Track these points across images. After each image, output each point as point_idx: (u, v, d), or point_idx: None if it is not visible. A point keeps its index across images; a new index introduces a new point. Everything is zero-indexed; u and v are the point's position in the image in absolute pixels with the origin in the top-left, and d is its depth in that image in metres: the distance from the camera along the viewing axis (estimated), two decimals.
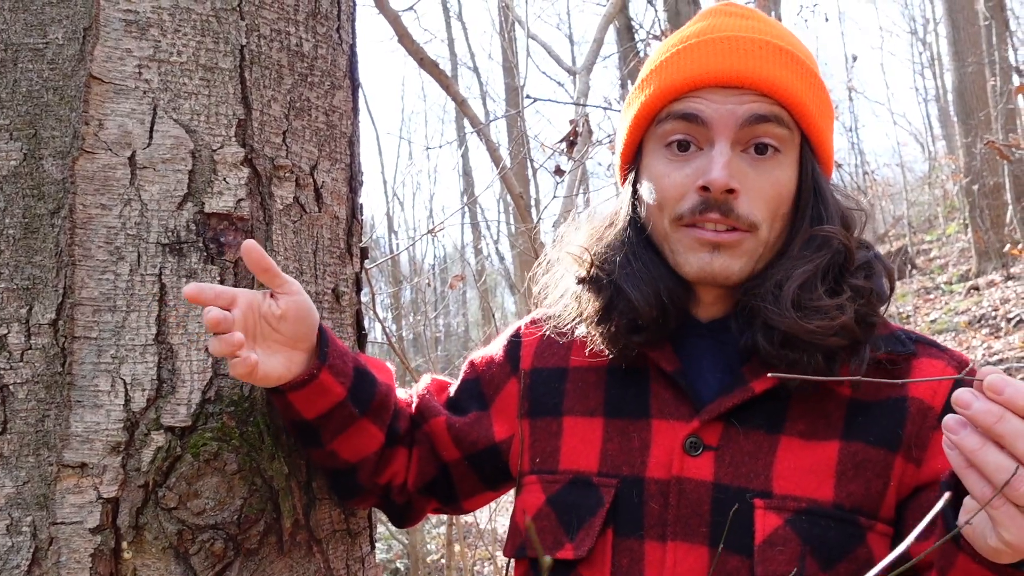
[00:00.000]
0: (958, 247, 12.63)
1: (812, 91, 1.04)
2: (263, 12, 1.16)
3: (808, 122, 1.04)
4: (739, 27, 1.06)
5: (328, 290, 1.23)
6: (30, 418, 1.04)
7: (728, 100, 1.01)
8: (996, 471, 0.71)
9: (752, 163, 1.01)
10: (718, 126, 1.01)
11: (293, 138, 1.19)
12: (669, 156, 1.04)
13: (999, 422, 0.70)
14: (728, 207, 0.99)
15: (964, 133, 11.31)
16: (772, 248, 1.04)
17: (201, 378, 1.07)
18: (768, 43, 1.04)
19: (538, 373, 1.16)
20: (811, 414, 0.99)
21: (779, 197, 1.02)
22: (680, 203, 1.02)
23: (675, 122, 1.03)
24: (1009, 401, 0.70)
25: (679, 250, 1.04)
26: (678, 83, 1.03)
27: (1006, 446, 0.70)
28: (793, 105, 1.02)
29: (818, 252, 1.01)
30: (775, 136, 1.01)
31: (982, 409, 0.70)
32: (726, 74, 1.01)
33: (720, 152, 0.99)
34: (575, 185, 3.99)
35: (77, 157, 1.06)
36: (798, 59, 1.05)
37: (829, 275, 1.01)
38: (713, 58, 1.02)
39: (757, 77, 1.01)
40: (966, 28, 11.39)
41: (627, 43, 8.48)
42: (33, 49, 1.09)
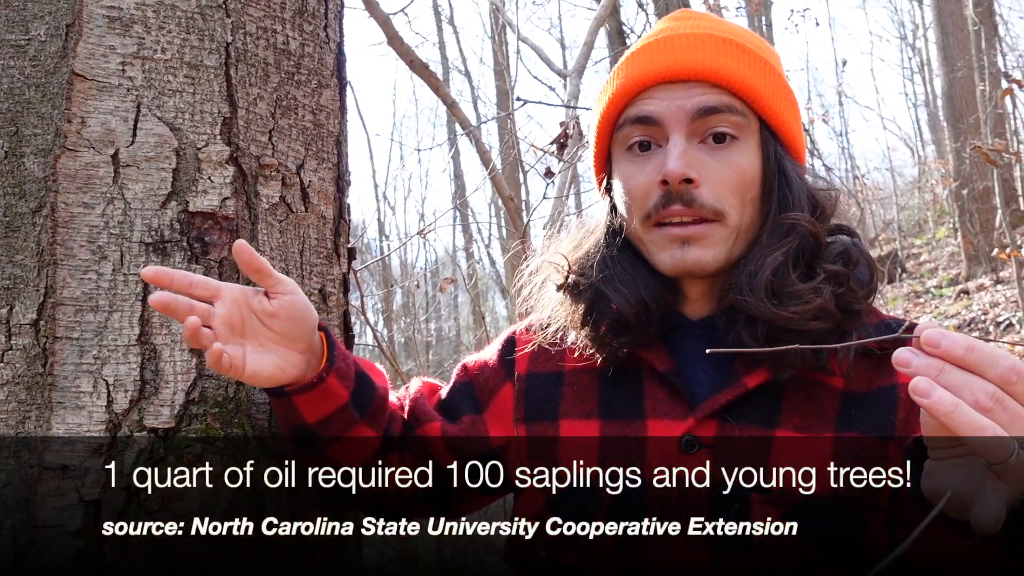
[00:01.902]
0: (948, 251, 12.69)
1: (763, 76, 1.06)
2: (249, 9, 1.15)
3: (763, 106, 1.05)
4: (685, 27, 1.09)
5: (315, 291, 1.22)
6: (10, 420, 1.02)
7: (676, 96, 1.03)
8: (971, 431, 0.69)
9: (711, 152, 1.03)
10: (670, 122, 1.03)
11: (279, 137, 1.17)
12: (631, 158, 1.07)
13: (940, 375, 0.69)
14: (690, 197, 1.01)
15: (953, 138, 11.37)
16: (745, 236, 1.05)
17: (185, 379, 1.06)
18: (711, 36, 1.06)
19: (534, 378, 1.16)
20: (805, 407, 1.00)
21: (743, 183, 1.03)
22: (646, 201, 1.04)
23: (632, 126, 1.06)
24: (947, 353, 0.69)
25: (653, 250, 1.06)
26: (628, 86, 1.06)
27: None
28: (743, 91, 1.04)
29: (786, 238, 1.02)
30: (730, 123, 1.03)
31: (922, 365, 0.70)
32: (670, 68, 1.04)
33: (674, 144, 1.01)
34: (565, 187, 3.98)
35: (59, 155, 1.05)
36: (745, 47, 1.07)
37: (801, 260, 1.02)
38: (657, 56, 1.05)
39: (701, 67, 1.03)
40: (955, 33, 11.45)
41: (618, 47, 8.49)
42: (15, 45, 1.08)
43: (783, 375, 0.99)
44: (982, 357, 0.69)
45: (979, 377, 0.69)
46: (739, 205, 1.03)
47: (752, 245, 1.04)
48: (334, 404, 1.04)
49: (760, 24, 12.67)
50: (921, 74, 18.79)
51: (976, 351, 0.69)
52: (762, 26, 12.68)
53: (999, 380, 0.68)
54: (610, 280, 1.07)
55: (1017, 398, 0.68)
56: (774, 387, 1.01)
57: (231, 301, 0.96)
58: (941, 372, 0.69)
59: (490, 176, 3.45)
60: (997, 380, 0.68)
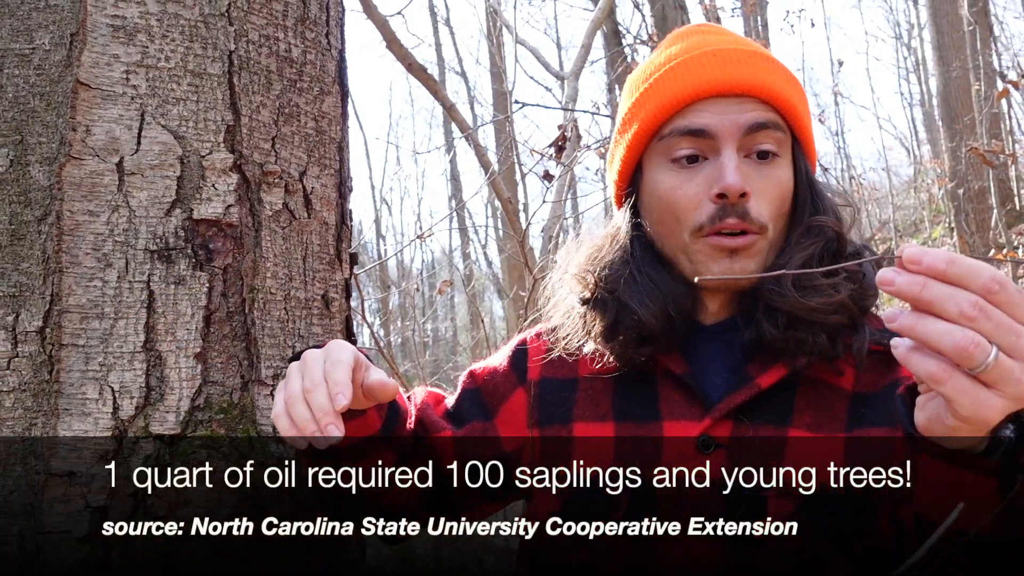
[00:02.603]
0: (944, 250, 12.70)
1: (798, 94, 1.10)
2: (251, 18, 1.16)
3: (799, 124, 1.09)
4: (723, 41, 1.11)
5: (318, 296, 1.22)
6: (17, 426, 1.03)
7: (730, 110, 1.05)
8: (938, 337, 0.71)
9: (756, 167, 1.06)
10: (723, 136, 1.04)
11: (282, 144, 1.18)
12: (677, 169, 1.07)
13: (923, 289, 0.71)
14: (743, 210, 1.03)
15: (949, 137, 11.40)
16: (776, 246, 1.08)
17: (190, 386, 1.06)
18: (756, 52, 1.09)
19: (548, 383, 1.17)
20: (816, 407, 1.03)
21: (782, 198, 1.07)
22: (697, 213, 1.05)
23: (680, 138, 1.06)
24: (929, 268, 0.71)
25: (699, 259, 1.07)
26: (679, 96, 1.06)
27: (938, 312, 0.71)
28: (786, 109, 1.07)
29: (815, 240, 1.06)
30: (773, 140, 1.06)
31: (905, 282, 0.71)
32: (727, 83, 1.05)
33: (728, 158, 1.03)
34: (564, 190, 3.99)
35: (64, 163, 1.06)
36: (780, 65, 1.11)
37: (825, 259, 1.06)
38: (711, 69, 1.06)
39: (755, 84, 1.05)
40: (950, 33, 11.47)
41: (615, 48, 8.51)
42: (19, 55, 1.09)
43: (799, 364, 1.01)
44: (964, 269, 0.70)
45: (962, 289, 0.70)
46: (777, 218, 1.06)
47: (780, 252, 1.08)
48: (366, 432, 1.05)
49: (756, 24, 12.69)
50: (916, 74, 18.83)
51: (957, 264, 0.70)
52: (758, 26, 12.70)
53: (982, 290, 0.70)
54: (637, 293, 1.08)
55: (1000, 307, 0.70)
56: (787, 387, 1.03)
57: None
58: (924, 286, 0.71)
59: (489, 180, 3.45)
60: (980, 290, 0.70)
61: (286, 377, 0.93)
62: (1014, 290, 0.71)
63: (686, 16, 7.37)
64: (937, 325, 0.71)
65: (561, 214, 3.86)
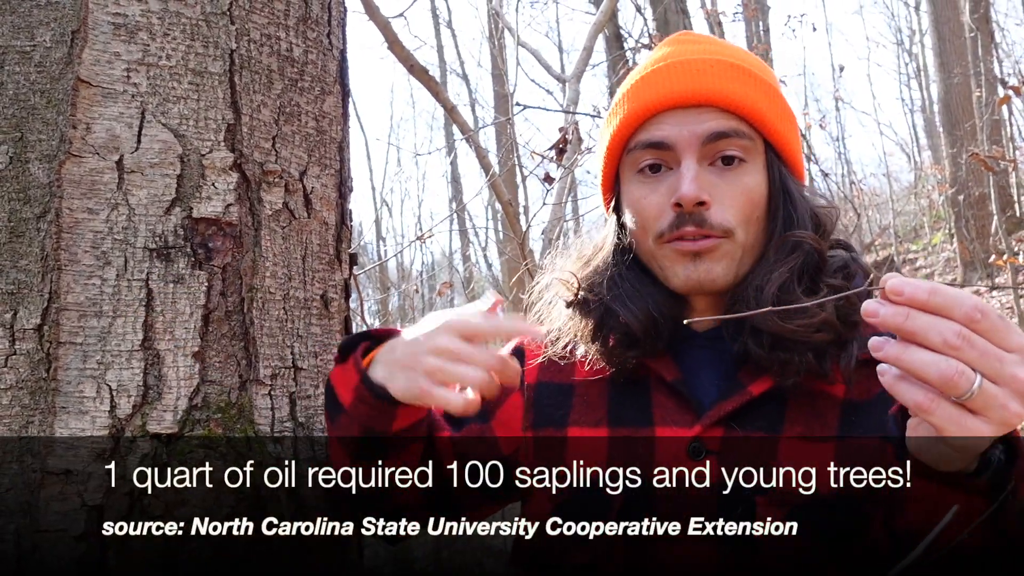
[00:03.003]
0: (944, 257, 12.72)
1: (768, 99, 1.10)
2: (253, 17, 1.16)
3: (768, 129, 1.09)
4: (692, 51, 1.12)
5: (317, 296, 1.22)
6: (14, 424, 1.03)
7: (687, 121, 1.07)
8: (923, 367, 0.72)
9: (720, 174, 1.07)
10: (682, 147, 1.06)
11: (283, 143, 1.18)
12: (642, 179, 1.10)
13: (907, 320, 0.72)
14: (701, 218, 1.04)
15: (950, 144, 11.40)
16: (752, 253, 1.09)
17: (188, 384, 1.06)
18: (719, 61, 1.10)
19: (544, 387, 1.18)
20: (807, 414, 1.03)
21: (750, 203, 1.07)
22: (659, 221, 1.07)
23: (643, 151, 1.09)
24: (911, 298, 0.72)
25: (665, 265, 1.09)
26: (639, 110, 1.09)
27: (922, 342, 0.72)
28: (750, 115, 1.08)
29: (791, 255, 1.06)
30: (738, 146, 1.07)
31: (889, 313, 0.72)
32: (680, 94, 1.07)
33: (687, 168, 1.05)
34: (564, 193, 3.99)
35: (64, 161, 1.05)
36: (750, 72, 1.11)
37: (805, 276, 1.05)
38: (669, 81, 1.09)
39: (712, 93, 1.07)
40: (952, 40, 11.49)
41: (616, 51, 8.52)
42: (20, 52, 1.08)
43: (787, 382, 1.02)
44: (945, 299, 0.71)
45: (945, 318, 0.71)
46: (746, 223, 1.06)
47: (758, 261, 1.08)
48: (419, 415, 1.05)
49: (757, 29, 12.70)
50: (918, 80, 18.84)
51: (939, 294, 0.71)
52: (759, 31, 12.71)
53: (964, 319, 0.71)
54: (619, 296, 1.10)
55: (983, 334, 0.71)
56: (778, 395, 1.03)
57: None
58: (908, 317, 0.72)
59: (490, 182, 3.45)
60: (962, 319, 0.71)
61: (434, 372, 0.93)
62: (996, 317, 0.72)
63: (688, 20, 7.38)
64: (922, 355, 0.72)
65: (561, 217, 3.86)
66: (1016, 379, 0.72)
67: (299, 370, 1.18)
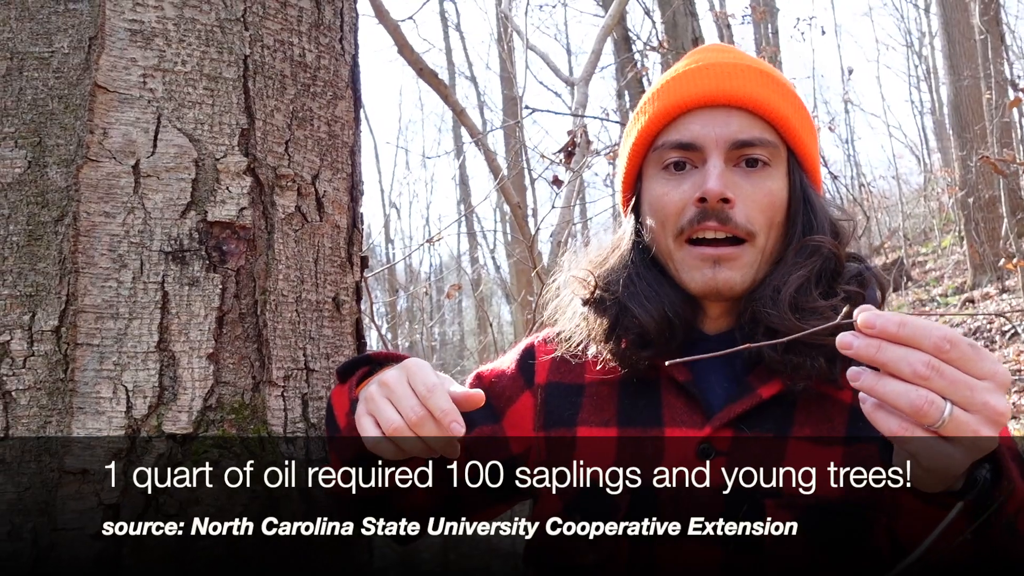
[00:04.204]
0: (953, 259, 12.67)
1: (793, 108, 1.12)
2: (267, 23, 1.18)
3: (792, 136, 1.11)
4: (722, 58, 1.15)
5: (328, 299, 1.24)
6: (32, 424, 1.04)
7: (716, 122, 1.08)
8: (895, 397, 0.74)
9: (744, 175, 1.08)
10: (709, 146, 1.08)
11: (295, 148, 1.20)
12: (667, 176, 1.11)
13: (879, 352, 0.74)
14: (725, 215, 1.06)
15: (960, 146, 11.36)
16: (769, 258, 1.10)
17: (202, 386, 1.08)
18: (749, 67, 1.12)
19: (555, 387, 1.18)
20: (815, 418, 1.04)
21: (772, 206, 1.09)
22: (680, 217, 1.08)
23: (670, 149, 1.11)
24: (882, 331, 0.74)
25: (683, 268, 1.10)
26: (667, 109, 1.11)
27: (893, 373, 0.75)
28: (777, 120, 1.10)
29: (810, 259, 1.07)
30: (763, 151, 1.09)
31: (862, 345, 0.75)
32: (711, 95, 1.09)
33: (714, 166, 1.07)
34: (573, 195, 4.00)
35: (81, 165, 1.07)
36: (778, 80, 1.13)
37: (822, 280, 1.07)
38: (698, 83, 1.11)
39: (740, 95, 1.09)
40: (962, 42, 11.45)
41: (625, 54, 8.52)
42: (39, 58, 1.10)
43: (797, 386, 1.03)
44: (914, 331, 0.74)
45: (915, 349, 0.74)
46: (767, 227, 1.08)
47: (776, 265, 1.09)
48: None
49: (766, 31, 12.68)
50: (927, 82, 18.78)
51: (908, 326, 0.74)
52: (768, 34, 12.69)
53: (933, 349, 0.73)
54: (635, 296, 1.11)
55: (953, 363, 0.73)
56: (787, 399, 1.04)
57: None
58: (879, 349, 0.75)
59: (498, 185, 3.47)
60: (931, 350, 0.73)
61: (370, 401, 0.94)
62: (966, 345, 0.74)
63: (696, 23, 7.38)
64: (894, 385, 0.75)
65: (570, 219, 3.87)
66: (987, 406, 0.74)
67: (311, 372, 1.20)
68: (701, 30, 7.37)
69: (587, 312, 1.15)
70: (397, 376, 0.95)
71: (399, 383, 0.94)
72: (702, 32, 7.34)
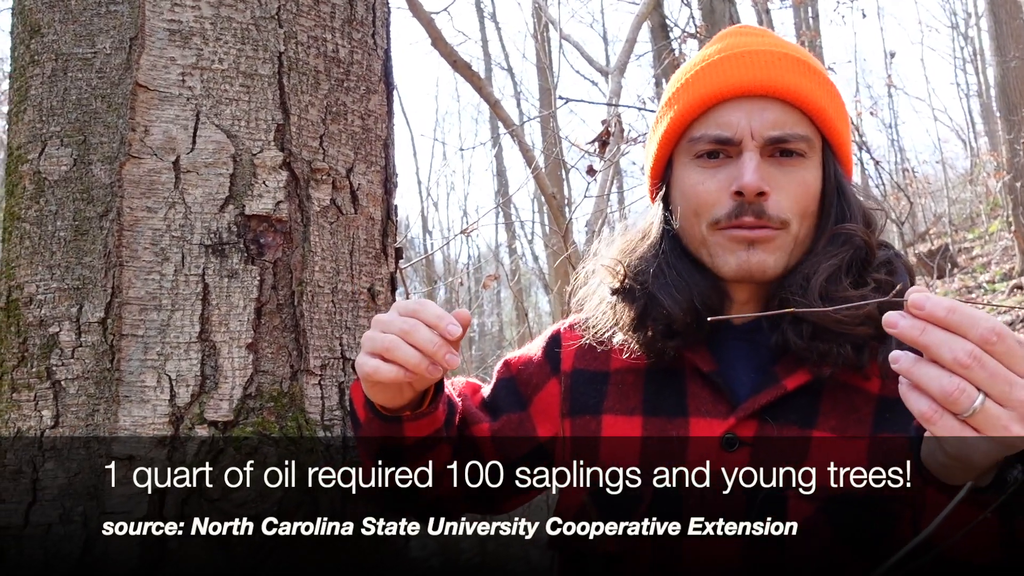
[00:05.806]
0: (1001, 245, 12.39)
1: (829, 97, 1.10)
2: (300, 19, 1.20)
3: (828, 127, 1.10)
4: (756, 43, 1.12)
5: (364, 289, 1.26)
6: (81, 412, 1.09)
7: (752, 112, 1.07)
8: (927, 381, 0.74)
9: (779, 166, 1.07)
10: (746, 139, 1.07)
11: (330, 142, 1.22)
12: (700, 165, 1.10)
13: (922, 334, 0.74)
14: (760, 209, 1.05)
15: (1007, 129, 11.09)
16: (802, 245, 1.09)
17: (242, 374, 1.11)
18: (785, 55, 1.10)
19: (580, 374, 1.19)
20: (841, 410, 1.03)
21: (807, 196, 1.08)
22: (715, 208, 1.08)
23: (706, 144, 1.09)
24: (930, 314, 0.74)
25: (717, 252, 1.09)
26: (704, 96, 1.09)
27: (934, 357, 0.74)
28: (813, 111, 1.08)
29: (842, 248, 1.07)
30: (799, 142, 1.07)
31: (907, 325, 0.75)
32: (749, 84, 1.07)
33: (749, 158, 1.06)
34: (607, 184, 3.99)
35: (124, 162, 1.11)
36: (813, 68, 1.11)
37: (853, 268, 1.06)
38: (735, 71, 1.09)
39: (777, 85, 1.07)
40: (1008, 22, 11.17)
41: (661, 41, 8.45)
42: (82, 59, 1.14)
43: (824, 373, 1.02)
44: (963, 318, 0.73)
45: (960, 337, 0.73)
46: (801, 216, 1.08)
47: (807, 254, 1.09)
48: (433, 427, 1.08)
49: (806, 16, 12.49)
50: (973, 64, 18.33)
51: (957, 313, 0.73)
52: (808, 18, 12.49)
53: (979, 340, 0.73)
54: (665, 286, 1.10)
55: (997, 357, 0.73)
56: (813, 389, 1.04)
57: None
58: (924, 331, 0.74)
59: (533, 175, 3.48)
60: (977, 340, 0.73)
61: (367, 339, 0.97)
62: (1014, 341, 0.73)
63: (734, 8, 7.29)
64: (930, 370, 0.74)
65: (604, 209, 3.87)
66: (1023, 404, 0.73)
67: (347, 361, 1.22)
68: (739, 15, 7.28)
69: (615, 301, 1.15)
70: (384, 315, 0.99)
71: (384, 315, 0.98)
72: (740, 17, 7.25)
